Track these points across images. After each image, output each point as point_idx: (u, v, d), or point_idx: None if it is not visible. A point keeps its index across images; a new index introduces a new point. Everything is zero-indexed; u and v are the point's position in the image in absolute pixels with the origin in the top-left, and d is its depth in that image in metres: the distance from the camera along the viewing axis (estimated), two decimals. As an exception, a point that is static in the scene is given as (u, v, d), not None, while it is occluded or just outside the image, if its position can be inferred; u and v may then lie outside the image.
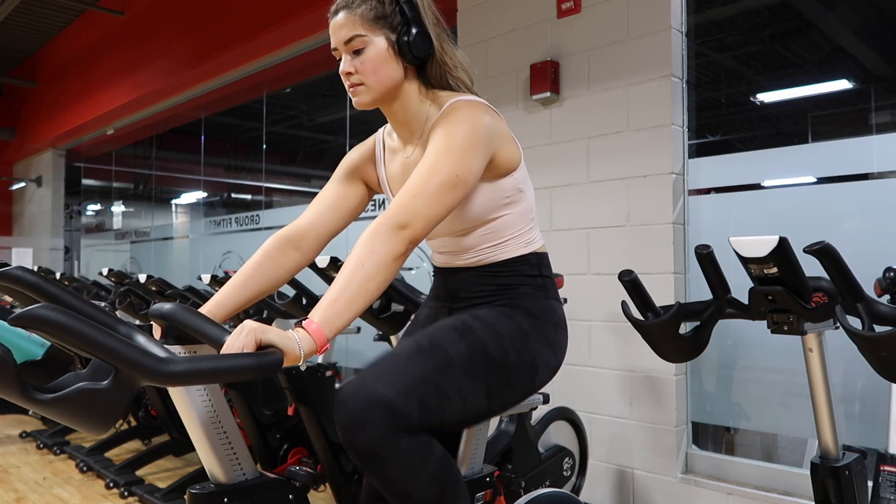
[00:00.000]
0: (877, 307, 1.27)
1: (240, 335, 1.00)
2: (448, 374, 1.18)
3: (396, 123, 1.38)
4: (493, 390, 1.25)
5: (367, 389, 1.11)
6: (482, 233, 1.34)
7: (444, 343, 1.22)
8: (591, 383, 2.66)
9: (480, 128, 1.24)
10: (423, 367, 1.17)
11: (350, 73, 1.28)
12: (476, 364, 1.22)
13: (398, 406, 1.11)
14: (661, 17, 2.50)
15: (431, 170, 1.17)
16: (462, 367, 1.21)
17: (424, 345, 1.21)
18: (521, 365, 1.29)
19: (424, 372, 1.16)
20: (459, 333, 1.24)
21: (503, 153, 1.29)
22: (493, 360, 1.25)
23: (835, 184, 2.26)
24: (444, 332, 1.25)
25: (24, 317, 0.83)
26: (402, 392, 1.12)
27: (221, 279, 2.96)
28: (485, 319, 1.29)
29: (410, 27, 1.27)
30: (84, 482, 3.10)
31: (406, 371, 1.15)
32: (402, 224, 1.13)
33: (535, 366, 1.31)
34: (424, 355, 1.19)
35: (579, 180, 2.71)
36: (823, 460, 1.50)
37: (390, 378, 1.13)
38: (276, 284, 1.41)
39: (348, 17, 1.26)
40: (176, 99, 5.93)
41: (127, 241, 6.86)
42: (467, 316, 1.30)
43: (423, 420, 1.14)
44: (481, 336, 1.25)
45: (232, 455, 1.23)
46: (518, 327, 1.31)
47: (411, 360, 1.18)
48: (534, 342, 1.32)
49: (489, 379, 1.24)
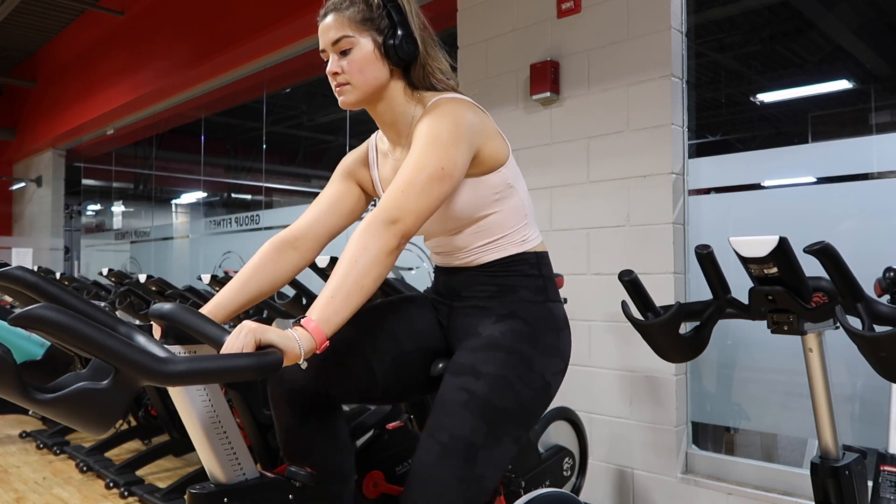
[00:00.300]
0: (877, 307, 1.27)
1: (239, 335, 1.00)
2: (478, 460, 1.23)
3: (384, 125, 1.40)
4: (519, 434, 1.29)
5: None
6: (474, 231, 1.35)
7: (461, 430, 1.23)
8: (591, 383, 2.66)
9: (463, 123, 1.25)
10: (456, 470, 1.21)
11: (337, 72, 1.31)
12: (497, 430, 1.25)
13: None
14: (661, 17, 2.50)
15: (417, 165, 1.19)
16: (486, 444, 1.24)
17: (445, 443, 1.23)
18: (535, 395, 1.31)
19: (459, 473, 1.21)
20: (469, 409, 1.25)
21: (488, 148, 1.30)
22: (510, 412, 1.27)
23: (835, 184, 2.26)
24: (456, 417, 1.25)
25: (24, 317, 0.83)
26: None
27: (221, 279, 2.96)
28: (485, 372, 1.28)
29: (397, 30, 1.29)
30: (84, 482, 3.10)
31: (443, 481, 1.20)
32: (393, 219, 1.14)
33: (546, 382, 1.33)
34: (451, 457, 1.22)
35: (579, 180, 2.71)
36: (823, 460, 1.50)
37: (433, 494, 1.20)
38: (275, 286, 1.42)
39: (336, 18, 1.30)
40: (176, 99, 5.93)
41: (127, 241, 6.86)
42: (467, 377, 1.28)
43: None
44: (489, 397, 1.26)
45: (232, 455, 1.23)
46: (518, 357, 1.30)
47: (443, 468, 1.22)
48: (538, 362, 1.32)
49: (512, 430, 1.28)
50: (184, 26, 5.31)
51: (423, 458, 1.24)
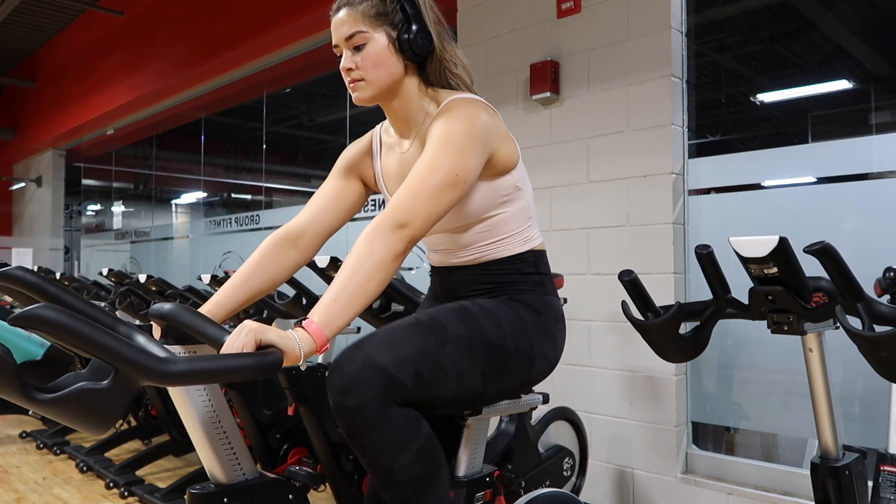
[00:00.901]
0: (877, 307, 1.27)
1: (239, 335, 1.00)
2: (446, 349, 1.19)
3: (395, 119, 1.39)
4: (490, 373, 1.26)
5: (364, 354, 1.12)
6: (479, 230, 1.35)
7: (444, 322, 1.23)
8: (591, 383, 2.66)
9: (479, 126, 1.24)
10: (421, 340, 1.18)
11: (351, 68, 1.29)
12: (474, 345, 1.23)
13: (394, 373, 1.11)
14: (661, 17, 2.50)
15: (430, 168, 1.17)
16: (460, 345, 1.21)
17: (424, 321, 1.22)
18: (519, 352, 1.30)
19: (423, 344, 1.17)
20: (459, 315, 1.26)
21: (501, 151, 1.29)
22: (492, 344, 1.25)
23: (835, 184, 2.26)
24: (444, 313, 1.26)
25: (24, 317, 0.83)
26: (398, 360, 1.13)
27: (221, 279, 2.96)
28: (485, 306, 1.30)
29: (411, 24, 1.28)
30: (84, 482, 3.09)
31: (404, 342, 1.16)
32: (401, 223, 1.13)
33: (533, 354, 1.32)
34: (423, 329, 1.20)
35: (579, 180, 2.71)
36: (823, 460, 1.50)
37: (388, 346, 1.14)
38: (275, 283, 1.41)
39: (350, 13, 1.28)
40: (176, 99, 5.93)
41: (127, 241, 6.86)
42: (468, 302, 1.31)
43: (417, 391, 1.14)
44: (481, 320, 1.26)
45: (232, 455, 1.23)
46: (518, 317, 1.32)
47: (410, 333, 1.19)
48: (533, 332, 1.32)
49: (486, 361, 1.25)
50: (184, 26, 5.31)
51: (395, 323, 1.22)
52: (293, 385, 2.23)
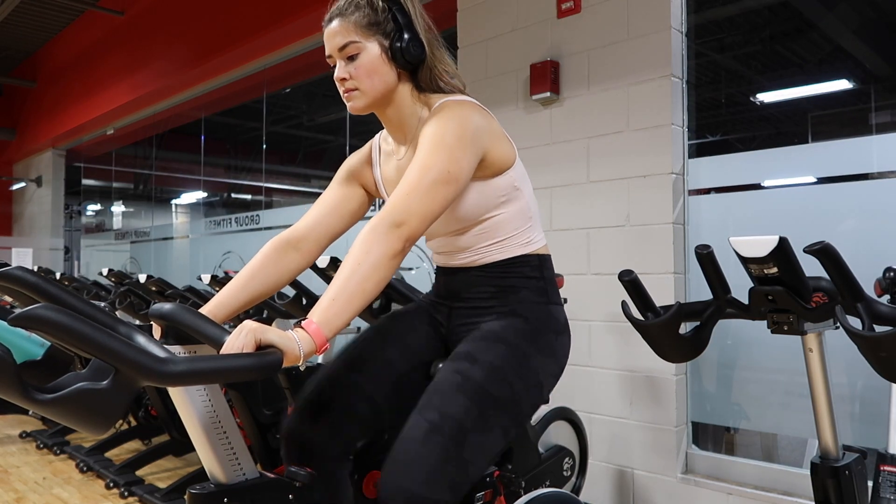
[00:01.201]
0: (877, 307, 1.27)
1: (239, 335, 1.00)
2: (466, 443, 1.20)
3: (391, 127, 1.40)
4: (509, 426, 1.28)
5: (403, 491, 1.13)
6: (478, 231, 1.35)
7: (452, 410, 1.21)
8: (591, 383, 2.66)
9: (469, 125, 1.25)
10: (442, 449, 1.18)
11: (345, 78, 1.30)
12: (488, 417, 1.24)
13: (432, 496, 1.14)
14: (661, 17, 2.50)
15: (423, 167, 1.18)
16: (476, 428, 1.22)
17: (435, 420, 1.20)
18: (527, 390, 1.30)
19: (445, 453, 1.18)
20: (462, 391, 1.24)
21: (495, 151, 1.30)
22: (502, 401, 1.26)
23: (835, 184, 2.26)
24: (447, 397, 1.23)
25: (24, 317, 0.83)
26: (431, 483, 1.15)
27: (221, 279, 2.96)
28: (482, 359, 1.28)
29: (403, 33, 1.29)
30: (84, 482, 3.10)
31: (429, 459, 1.17)
32: (398, 222, 1.13)
33: (540, 382, 1.33)
34: (439, 435, 1.19)
35: (579, 180, 2.71)
36: (823, 460, 1.50)
37: (417, 470, 1.15)
38: (276, 286, 1.42)
39: (342, 24, 1.29)
40: (176, 99, 5.93)
41: (127, 241, 6.86)
42: (464, 363, 1.28)
43: (455, 494, 1.18)
44: (483, 383, 1.25)
45: (232, 455, 1.23)
46: (516, 351, 1.30)
47: (429, 443, 1.18)
48: (534, 360, 1.32)
49: (503, 421, 1.26)
50: (184, 26, 5.31)
51: (410, 434, 1.20)
52: (293, 385, 2.23)
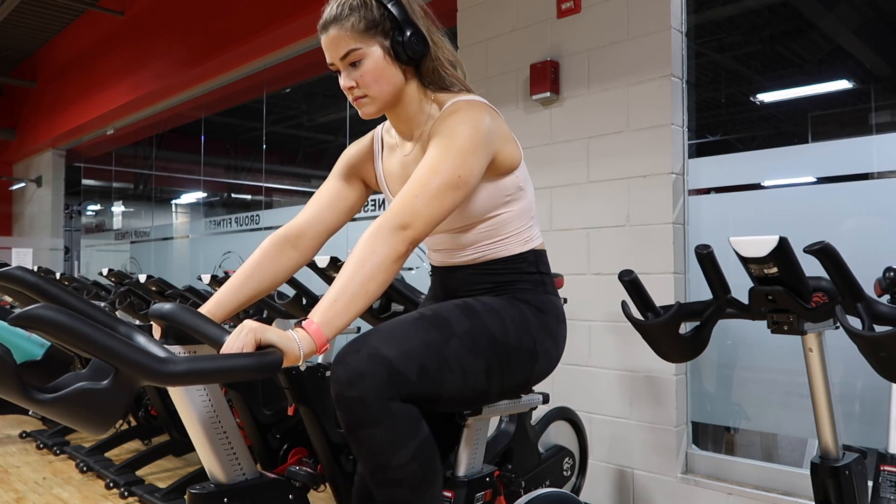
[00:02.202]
0: (877, 307, 1.27)
1: (239, 335, 1.00)
2: (450, 344, 1.19)
3: (397, 121, 1.39)
4: (493, 369, 1.26)
5: (369, 347, 1.12)
6: (482, 229, 1.35)
7: (448, 317, 1.23)
8: (591, 383, 2.66)
9: (482, 128, 1.24)
10: (426, 335, 1.18)
11: (352, 87, 1.28)
12: (478, 341, 1.24)
13: (399, 366, 1.11)
14: (661, 17, 2.50)
15: (433, 170, 1.17)
16: (464, 340, 1.22)
17: (428, 316, 1.22)
18: (522, 349, 1.30)
19: (428, 339, 1.17)
20: (463, 311, 1.26)
21: (504, 153, 1.30)
22: (495, 340, 1.26)
23: (835, 184, 2.26)
24: (448, 309, 1.26)
25: (24, 317, 0.83)
26: (403, 354, 1.13)
27: (221, 279, 2.96)
28: (488, 303, 1.31)
29: (403, 29, 1.26)
30: (84, 482, 3.09)
31: (409, 336, 1.16)
32: (403, 224, 1.13)
33: (535, 352, 1.32)
34: (428, 324, 1.20)
35: (579, 180, 2.71)
36: (823, 460, 1.50)
37: (393, 340, 1.14)
38: (275, 283, 1.41)
39: (340, 31, 1.26)
40: (176, 99, 5.93)
41: (127, 241, 6.86)
42: (471, 299, 1.32)
43: (421, 385, 1.14)
44: (484, 317, 1.27)
45: (232, 455, 1.23)
46: (521, 314, 1.32)
47: (415, 327, 1.19)
48: (535, 330, 1.33)
49: (490, 357, 1.25)
50: (184, 26, 5.31)
51: (399, 318, 1.22)
52: (293, 385, 2.23)
